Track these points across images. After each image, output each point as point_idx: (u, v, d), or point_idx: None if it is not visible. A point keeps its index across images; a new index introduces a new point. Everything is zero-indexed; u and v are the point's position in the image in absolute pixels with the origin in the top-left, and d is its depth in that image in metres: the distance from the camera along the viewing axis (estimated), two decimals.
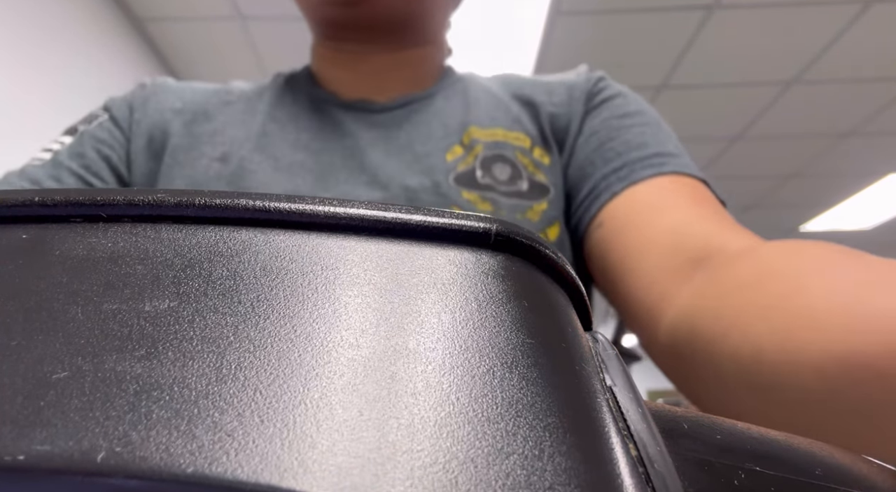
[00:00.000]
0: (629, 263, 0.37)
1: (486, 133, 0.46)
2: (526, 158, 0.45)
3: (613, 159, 0.42)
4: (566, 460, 0.07)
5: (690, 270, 0.34)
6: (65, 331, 0.08)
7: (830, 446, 0.11)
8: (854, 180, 3.09)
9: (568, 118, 0.47)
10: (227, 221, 0.10)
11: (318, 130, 0.47)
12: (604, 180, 0.42)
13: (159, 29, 2.06)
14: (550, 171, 0.45)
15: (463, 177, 0.44)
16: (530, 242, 0.11)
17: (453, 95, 0.49)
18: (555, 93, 0.49)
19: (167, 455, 0.06)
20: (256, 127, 0.47)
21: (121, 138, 0.47)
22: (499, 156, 0.45)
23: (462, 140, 0.46)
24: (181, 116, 0.48)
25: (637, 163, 0.41)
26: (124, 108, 0.49)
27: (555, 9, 1.86)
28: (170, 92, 0.50)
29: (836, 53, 2.08)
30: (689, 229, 0.35)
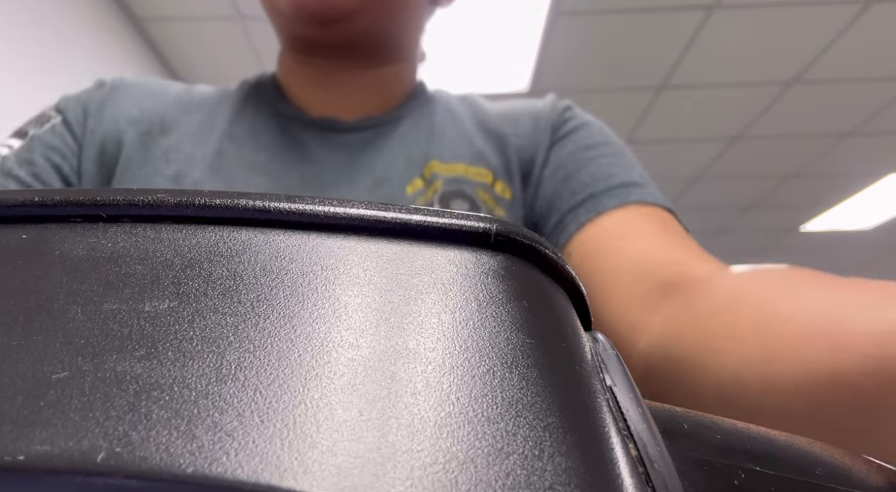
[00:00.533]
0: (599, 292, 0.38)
1: (446, 168, 0.46)
2: (486, 193, 0.45)
3: (580, 191, 0.43)
4: (566, 460, 0.07)
5: (659, 298, 0.34)
6: (65, 331, 0.08)
7: (830, 446, 0.11)
8: (854, 180, 3.09)
9: (533, 149, 0.47)
10: (227, 221, 0.10)
11: (277, 151, 0.46)
12: (570, 212, 0.42)
13: (159, 29, 2.06)
14: (511, 205, 0.46)
15: None
16: (530, 242, 0.11)
17: (420, 120, 0.49)
18: (521, 123, 0.49)
19: (167, 455, 0.06)
20: (212, 145, 0.45)
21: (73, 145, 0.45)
22: (458, 191, 0.45)
23: (423, 174, 0.45)
24: (137, 127, 0.46)
25: (603, 193, 0.42)
26: (78, 110, 0.46)
27: (555, 9, 1.86)
28: (128, 96, 0.48)
29: (836, 53, 2.07)
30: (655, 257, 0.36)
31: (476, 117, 0.50)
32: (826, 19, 1.91)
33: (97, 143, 0.45)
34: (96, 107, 0.47)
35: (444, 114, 0.50)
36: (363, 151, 0.46)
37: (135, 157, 0.45)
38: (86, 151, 0.45)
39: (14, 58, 1.48)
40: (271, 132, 0.47)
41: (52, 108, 0.47)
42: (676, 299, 0.33)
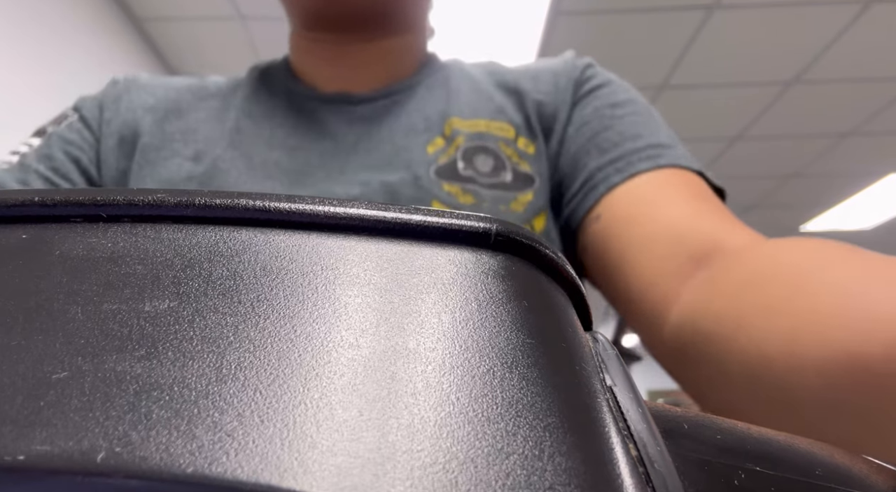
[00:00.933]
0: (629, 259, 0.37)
1: (467, 124, 0.45)
2: (509, 148, 0.45)
3: (609, 150, 0.42)
4: (566, 460, 0.07)
5: (691, 269, 0.33)
6: (65, 331, 0.08)
7: (830, 446, 0.11)
8: (854, 180, 3.09)
9: (555, 106, 0.46)
10: (227, 221, 0.10)
11: (294, 127, 0.46)
12: (600, 171, 0.41)
13: (159, 29, 2.06)
14: (535, 160, 0.45)
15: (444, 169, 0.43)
16: (530, 242, 0.11)
17: (435, 85, 0.48)
18: (540, 80, 0.48)
19: (167, 455, 0.06)
20: (230, 123, 0.46)
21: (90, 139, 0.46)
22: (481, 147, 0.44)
23: (443, 132, 0.45)
24: (153, 114, 0.46)
25: (633, 154, 0.41)
26: (94, 107, 0.47)
27: (555, 9, 1.86)
28: (142, 89, 0.48)
29: (836, 53, 2.08)
30: (689, 226, 0.35)
31: (493, 77, 0.49)
32: (826, 19, 1.91)
33: (115, 132, 0.46)
34: (112, 100, 0.48)
35: (460, 76, 0.49)
36: (380, 121, 0.46)
37: (153, 142, 0.45)
38: (104, 142, 0.46)
39: (14, 57, 1.48)
40: (287, 111, 0.47)
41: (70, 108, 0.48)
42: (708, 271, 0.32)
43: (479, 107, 0.46)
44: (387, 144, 0.44)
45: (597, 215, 0.41)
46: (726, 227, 0.35)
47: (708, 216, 0.36)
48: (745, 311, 0.27)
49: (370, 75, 0.48)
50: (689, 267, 0.34)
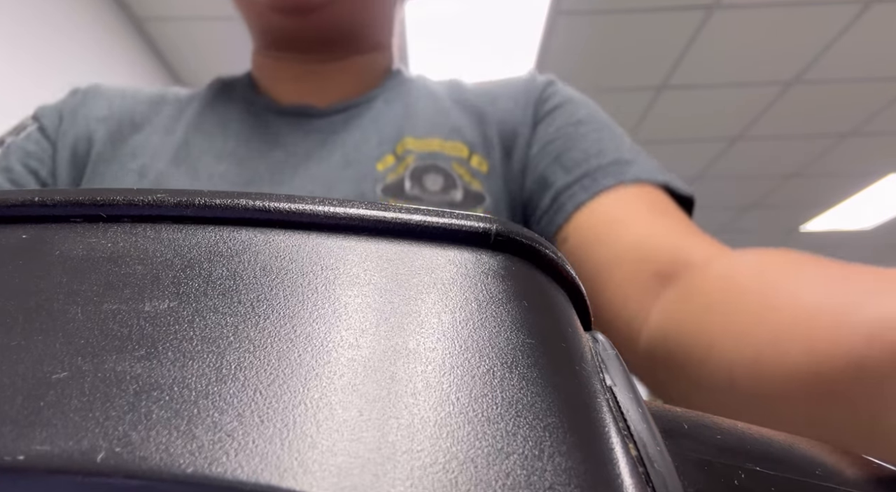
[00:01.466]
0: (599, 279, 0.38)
1: (420, 143, 0.45)
2: (462, 167, 0.45)
3: (573, 169, 0.42)
4: (566, 460, 0.07)
5: (658, 287, 0.34)
6: (65, 331, 0.08)
7: (830, 446, 0.11)
8: (854, 180, 3.09)
9: (515, 123, 0.47)
10: (227, 221, 0.10)
11: (248, 138, 0.45)
12: (566, 190, 0.42)
13: (159, 29, 2.06)
14: (487, 178, 0.45)
15: (391, 187, 0.43)
16: (530, 242, 0.11)
17: (394, 99, 0.48)
18: (500, 98, 0.48)
19: (167, 455, 0.06)
20: (178, 137, 0.45)
21: (49, 149, 0.45)
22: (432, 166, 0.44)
23: (395, 150, 0.45)
24: (106, 125, 0.46)
25: (597, 171, 0.41)
26: (54, 116, 0.47)
27: (555, 9, 1.86)
28: (100, 98, 0.48)
29: (836, 53, 2.08)
30: (652, 244, 0.35)
31: (454, 95, 0.50)
32: (826, 19, 1.91)
33: (69, 145, 0.46)
34: (70, 111, 0.47)
35: (421, 93, 0.49)
36: (335, 133, 0.46)
37: (104, 154, 0.45)
38: (59, 154, 0.46)
39: (14, 57, 1.48)
40: (242, 122, 0.47)
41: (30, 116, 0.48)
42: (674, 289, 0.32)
43: (435, 126, 0.47)
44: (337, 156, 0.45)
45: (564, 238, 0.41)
46: (688, 241, 0.35)
47: (670, 231, 0.36)
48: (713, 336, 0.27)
49: (331, 90, 0.48)
50: (654, 285, 0.34)
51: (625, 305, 0.35)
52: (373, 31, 0.49)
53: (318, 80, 0.48)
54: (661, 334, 0.31)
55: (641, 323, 0.34)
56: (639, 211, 0.38)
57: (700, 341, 0.28)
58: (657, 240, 0.36)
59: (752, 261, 0.29)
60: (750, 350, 0.25)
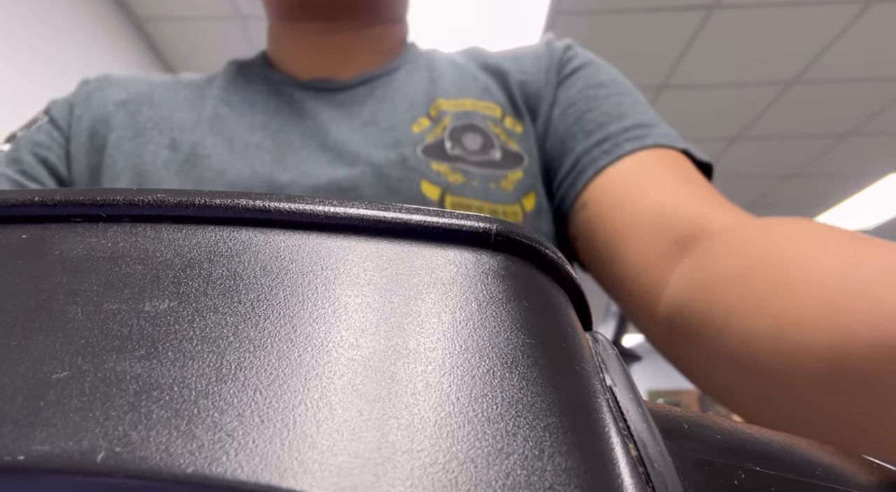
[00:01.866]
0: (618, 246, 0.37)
1: (454, 104, 0.45)
2: (497, 127, 0.44)
3: (595, 131, 0.42)
4: (566, 460, 0.07)
5: (677, 254, 0.33)
6: (65, 331, 0.08)
7: (830, 446, 0.11)
8: (854, 180, 3.09)
9: (538, 85, 0.46)
10: (227, 221, 0.10)
11: (275, 112, 0.45)
12: (587, 154, 0.41)
13: (159, 29, 2.06)
14: (523, 139, 0.45)
15: (431, 148, 0.43)
16: (530, 242, 0.11)
17: (417, 69, 0.48)
18: (523, 61, 0.48)
19: (167, 455, 0.06)
20: (208, 111, 0.45)
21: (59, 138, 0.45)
22: (469, 126, 0.44)
23: (429, 112, 0.44)
24: (125, 107, 0.46)
25: (619, 135, 0.41)
26: (64, 107, 0.47)
27: (555, 9, 1.86)
28: (114, 85, 0.48)
29: (836, 53, 2.08)
30: (672, 211, 0.35)
31: (475, 59, 0.49)
32: (826, 19, 1.91)
33: (86, 129, 0.45)
34: (83, 98, 0.47)
35: (442, 61, 0.49)
36: (362, 104, 0.46)
37: (125, 133, 0.45)
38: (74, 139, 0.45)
39: (15, 57, 1.48)
40: (266, 98, 0.46)
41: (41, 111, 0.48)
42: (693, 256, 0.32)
43: (465, 86, 0.46)
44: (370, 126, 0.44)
45: (584, 203, 0.41)
46: (710, 208, 0.34)
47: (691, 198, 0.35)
48: (732, 306, 0.27)
49: (350, 63, 0.48)
50: (674, 252, 0.33)
51: (644, 273, 0.35)
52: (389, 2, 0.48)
53: (336, 53, 0.48)
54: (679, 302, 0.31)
55: (661, 290, 0.33)
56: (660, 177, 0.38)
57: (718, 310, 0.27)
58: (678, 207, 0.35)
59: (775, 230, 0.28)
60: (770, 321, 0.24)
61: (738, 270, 0.27)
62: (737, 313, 0.26)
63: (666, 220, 0.35)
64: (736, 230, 0.30)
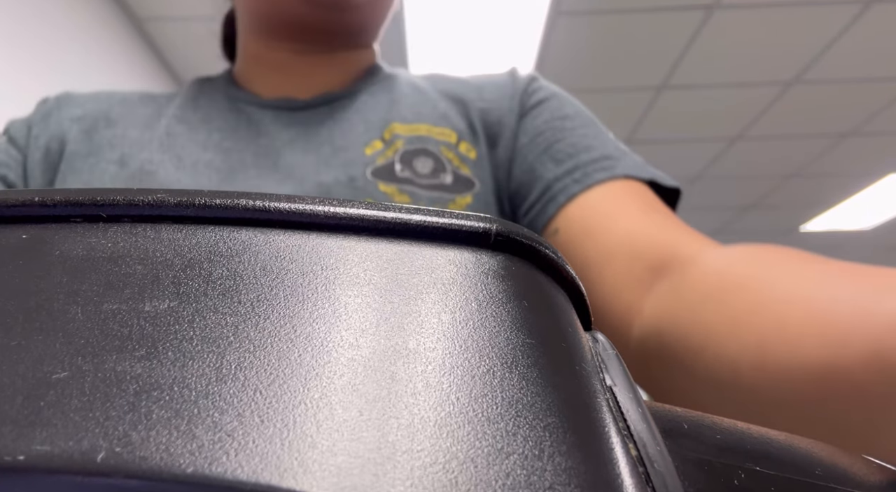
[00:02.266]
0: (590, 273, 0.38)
1: (408, 128, 0.46)
2: (451, 152, 0.45)
3: (564, 161, 0.43)
4: (566, 460, 0.07)
5: (650, 280, 0.34)
6: (65, 331, 0.08)
7: (830, 446, 0.11)
8: (854, 180, 3.09)
9: (499, 113, 0.47)
10: (227, 221, 0.10)
11: (232, 130, 0.45)
12: (557, 182, 0.42)
13: (159, 29, 2.06)
14: (476, 165, 0.45)
15: (381, 170, 0.43)
16: (530, 242, 0.11)
17: (378, 92, 0.49)
18: (484, 89, 0.49)
19: (167, 455, 0.06)
20: (161, 129, 0.45)
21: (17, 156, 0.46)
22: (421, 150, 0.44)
23: (383, 135, 0.45)
24: (80, 124, 0.46)
25: (588, 165, 0.42)
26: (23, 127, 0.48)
27: (555, 9, 1.86)
28: (72, 103, 0.48)
29: (836, 53, 2.07)
30: (644, 238, 0.36)
31: (437, 86, 0.50)
32: (826, 19, 1.91)
33: (42, 146, 0.46)
34: (41, 118, 0.48)
35: (404, 85, 0.50)
36: (320, 124, 0.46)
37: (79, 149, 0.45)
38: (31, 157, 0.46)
39: (14, 57, 1.48)
40: (224, 116, 0.47)
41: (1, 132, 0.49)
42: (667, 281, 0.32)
43: (423, 112, 0.47)
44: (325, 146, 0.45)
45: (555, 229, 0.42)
46: (680, 235, 0.35)
47: (662, 227, 0.36)
48: (711, 326, 0.27)
49: (316, 82, 0.49)
50: (647, 278, 0.34)
51: (617, 299, 0.36)
52: (375, 31, 0.49)
53: (303, 72, 0.48)
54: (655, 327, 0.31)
55: (634, 316, 0.34)
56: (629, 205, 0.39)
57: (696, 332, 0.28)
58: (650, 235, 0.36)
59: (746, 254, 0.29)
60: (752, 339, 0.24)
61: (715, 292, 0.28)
62: (715, 333, 0.27)
63: (639, 247, 0.36)
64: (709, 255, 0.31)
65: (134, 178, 0.42)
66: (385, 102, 0.48)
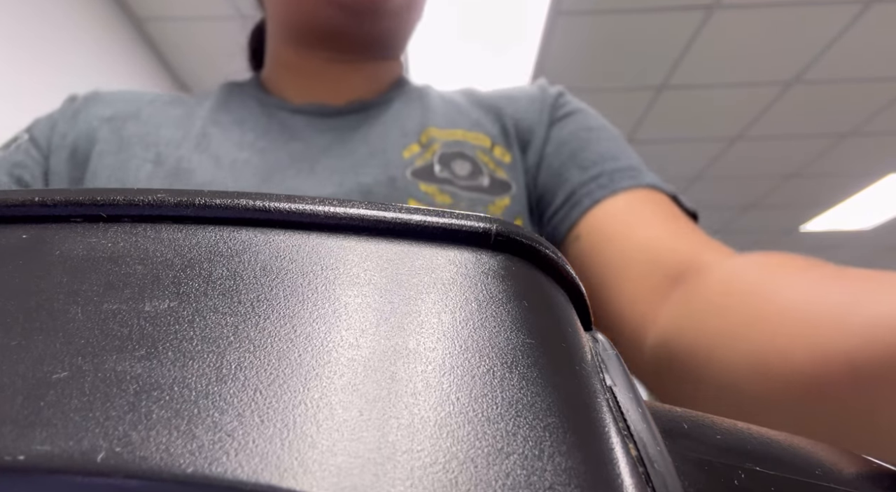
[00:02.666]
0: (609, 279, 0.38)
1: (444, 133, 0.46)
2: (486, 156, 0.46)
3: (590, 167, 0.43)
4: (566, 460, 0.07)
5: (668, 289, 0.34)
6: (65, 331, 0.08)
7: (830, 446, 0.11)
8: (854, 180, 3.09)
9: (530, 121, 0.48)
10: (227, 221, 0.10)
11: (265, 132, 0.45)
12: (583, 187, 0.43)
13: (159, 29, 2.06)
14: (511, 168, 0.46)
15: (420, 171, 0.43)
16: (530, 242, 0.11)
17: (410, 101, 0.49)
18: (516, 100, 0.50)
19: (167, 455, 0.06)
20: (196, 129, 0.45)
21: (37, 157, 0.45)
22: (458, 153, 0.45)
23: (420, 139, 0.45)
24: (110, 123, 0.46)
25: (615, 173, 0.42)
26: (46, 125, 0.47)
27: (555, 9, 1.86)
28: (101, 102, 0.48)
29: (836, 53, 2.07)
30: (664, 247, 0.36)
31: (469, 97, 0.51)
32: (826, 19, 1.91)
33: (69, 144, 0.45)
34: (69, 116, 0.47)
35: (436, 96, 0.51)
36: (354, 130, 0.46)
37: (108, 147, 0.44)
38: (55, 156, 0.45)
39: (14, 57, 1.48)
40: (257, 118, 0.47)
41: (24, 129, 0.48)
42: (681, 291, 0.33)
43: (457, 119, 0.48)
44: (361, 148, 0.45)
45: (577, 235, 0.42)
46: (700, 245, 0.36)
47: (682, 236, 0.37)
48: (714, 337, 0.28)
49: (345, 91, 0.49)
50: (665, 287, 0.35)
51: (633, 306, 0.36)
52: (404, 43, 0.50)
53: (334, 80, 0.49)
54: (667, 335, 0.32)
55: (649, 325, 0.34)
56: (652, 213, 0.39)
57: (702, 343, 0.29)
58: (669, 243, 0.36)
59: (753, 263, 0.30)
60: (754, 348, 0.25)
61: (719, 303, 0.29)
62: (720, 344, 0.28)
63: (658, 255, 0.36)
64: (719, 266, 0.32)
65: (172, 176, 0.42)
66: (418, 110, 0.48)
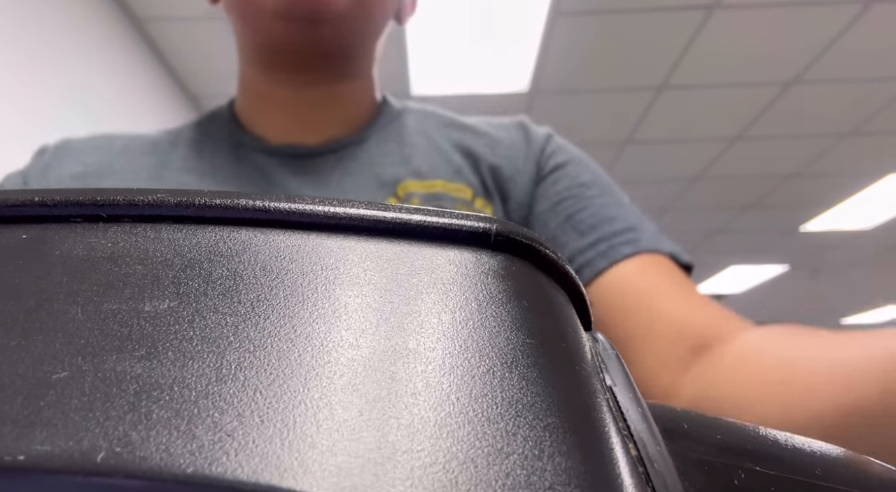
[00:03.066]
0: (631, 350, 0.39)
1: (423, 185, 0.46)
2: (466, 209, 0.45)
3: (587, 232, 0.43)
4: (566, 460, 0.07)
5: (691, 360, 0.37)
6: (65, 331, 0.08)
7: (830, 446, 0.11)
8: (854, 180, 3.09)
9: (511, 171, 0.47)
10: (227, 221, 0.10)
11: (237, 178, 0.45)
12: (581, 255, 0.43)
13: (159, 29, 2.06)
14: None
15: None
16: (530, 242, 0.11)
17: (387, 139, 0.48)
18: (497, 146, 0.49)
19: (167, 455, 0.06)
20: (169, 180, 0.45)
21: None
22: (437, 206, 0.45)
23: (396, 192, 0.45)
24: (82, 182, 0.45)
25: (612, 238, 0.42)
26: (18, 183, 0.46)
27: (555, 9, 1.86)
28: (71, 153, 0.47)
29: (836, 53, 2.07)
30: (686, 320, 0.38)
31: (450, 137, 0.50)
32: (826, 19, 1.90)
33: None
34: (40, 171, 0.46)
35: (415, 130, 0.49)
36: (328, 175, 0.46)
37: None
38: None
39: (13, 58, 1.48)
40: (230, 165, 0.46)
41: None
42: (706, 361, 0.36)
43: (438, 166, 0.47)
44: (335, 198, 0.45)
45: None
46: (716, 317, 0.39)
47: (698, 306, 0.39)
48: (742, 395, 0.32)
49: (321, 122, 0.48)
50: (689, 358, 0.37)
51: (658, 375, 0.38)
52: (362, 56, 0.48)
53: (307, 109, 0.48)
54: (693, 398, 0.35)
55: (674, 391, 0.37)
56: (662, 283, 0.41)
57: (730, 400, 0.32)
58: (690, 316, 0.39)
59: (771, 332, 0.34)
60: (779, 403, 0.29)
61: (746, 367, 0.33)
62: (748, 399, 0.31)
63: (681, 328, 0.38)
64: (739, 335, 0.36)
65: None
66: (396, 154, 0.47)
